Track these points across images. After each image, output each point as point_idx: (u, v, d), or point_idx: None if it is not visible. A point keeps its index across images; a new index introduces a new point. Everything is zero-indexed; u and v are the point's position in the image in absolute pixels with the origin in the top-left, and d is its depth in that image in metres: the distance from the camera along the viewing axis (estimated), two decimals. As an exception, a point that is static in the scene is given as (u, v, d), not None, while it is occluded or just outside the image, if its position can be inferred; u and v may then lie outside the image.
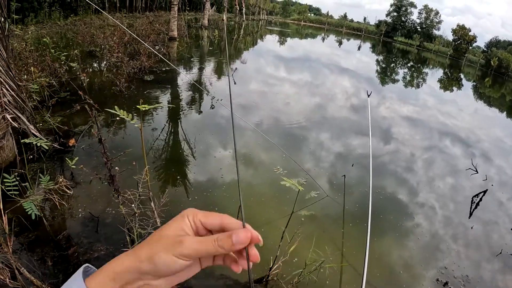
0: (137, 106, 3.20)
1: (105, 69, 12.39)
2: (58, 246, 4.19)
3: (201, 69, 16.56)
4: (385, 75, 30.41)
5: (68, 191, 3.82)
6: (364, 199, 6.43)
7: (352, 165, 8.37)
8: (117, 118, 4.26)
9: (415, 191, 8.04)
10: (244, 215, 0.76)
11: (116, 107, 3.11)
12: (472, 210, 7.80)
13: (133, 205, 3.71)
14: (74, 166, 4.87)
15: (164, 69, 13.43)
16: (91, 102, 3.98)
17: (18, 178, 3.69)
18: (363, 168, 8.09)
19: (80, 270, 0.71)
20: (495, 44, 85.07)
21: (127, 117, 3.06)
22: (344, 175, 7.65)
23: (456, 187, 8.90)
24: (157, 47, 16.22)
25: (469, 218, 7.45)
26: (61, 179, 3.69)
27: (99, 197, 5.15)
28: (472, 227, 7.02)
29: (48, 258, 4.02)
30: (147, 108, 3.20)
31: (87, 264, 0.76)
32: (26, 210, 3.44)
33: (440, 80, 35.59)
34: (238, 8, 63.89)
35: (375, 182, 7.50)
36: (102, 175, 5.39)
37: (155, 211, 3.87)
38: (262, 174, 7.00)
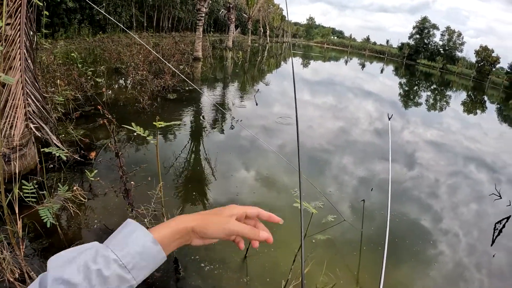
0: (154, 123, 3.22)
1: (129, 86, 12.60)
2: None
3: (224, 90, 16.69)
4: (408, 98, 30.17)
5: (83, 199, 3.84)
6: (383, 224, 6.33)
7: (372, 190, 8.24)
8: (135, 134, 4.32)
9: (436, 217, 7.85)
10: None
11: (133, 123, 3.15)
12: (494, 237, 7.58)
13: (145, 220, 3.71)
14: (92, 179, 4.92)
15: (187, 88, 13.57)
16: (109, 117, 4.03)
17: (36, 186, 3.74)
18: (384, 193, 7.96)
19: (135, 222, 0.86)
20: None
21: (143, 133, 3.09)
22: (364, 200, 7.52)
23: (479, 213, 8.67)
24: (181, 67, 16.47)
25: (491, 245, 7.23)
26: (75, 187, 3.71)
27: (115, 210, 5.18)
28: (494, 255, 6.80)
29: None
30: (163, 125, 3.22)
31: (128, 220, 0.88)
32: (42, 218, 3.47)
33: (463, 103, 35.12)
34: (262, 31, 64.67)
35: (396, 208, 7.37)
36: (117, 189, 5.43)
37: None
38: (280, 196, 6.93)
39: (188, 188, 6.54)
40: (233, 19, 36.22)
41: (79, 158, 6.20)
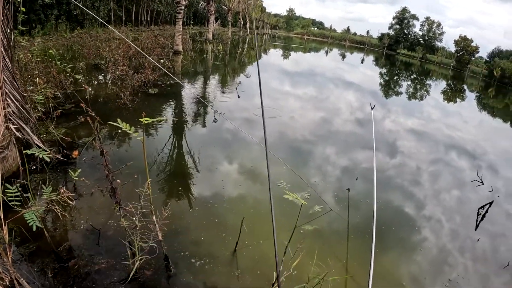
0: (140, 119, 3.18)
1: (110, 82, 12.45)
2: (59, 258, 4.15)
3: (205, 83, 16.60)
4: (389, 88, 30.44)
5: (71, 202, 3.79)
6: (369, 212, 6.39)
7: (357, 179, 8.32)
8: (119, 131, 4.23)
9: (420, 204, 7.97)
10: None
11: (118, 119, 3.11)
12: (478, 222, 7.73)
13: (134, 218, 3.68)
14: (76, 178, 4.86)
15: (168, 82, 13.46)
16: (93, 114, 3.97)
17: (20, 189, 3.67)
18: (369, 182, 8.04)
19: None
20: (497, 54, 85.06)
21: (129, 130, 3.05)
22: (349, 189, 7.60)
23: (462, 199, 8.84)
24: (161, 61, 16.32)
25: (475, 230, 7.37)
26: (62, 190, 3.66)
27: (102, 210, 5.13)
28: (478, 240, 6.94)
29: (48, 270, 3.98)
30: (149, 121, 3.18)
31: None
32: (27, 221, 3.41)
33: (443, 92, 35.58)
34: (242, 23, 64.39)
35: (380, 196, 7.45)
36: (104, 188, 5.37)
37: (156, 225, 3.84)
38: (266, 188, 6.93)
39: (174, 184, 6.51)
40: (213, 12, 35.98)
41: (61, 158, 6.11)
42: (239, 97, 14.05)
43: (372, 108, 8.77)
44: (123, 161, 6.53)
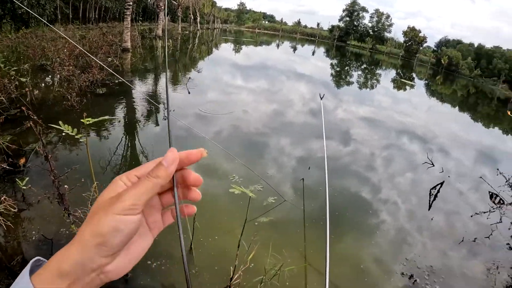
0: (81, 120, 3.13)
1: (56, 83, 12.07)
2: (12, 273, 4.02)
3: (155, 80, 16.36)
4: (340, 78, 31.03)
5: (12, 209, 3.67)
6: (324, 200, 6.52)
7: (309, 168, 8.46)
8: (63, 134, 4.10)
9: (374, 188, 8.23)
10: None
11: (60, 122, 3.04)
12: (431, 202, 8.05)
13: (84, 224, 3.61)
14: (25, 187, 4.71)
15: (117, 81, 13.17)
16: (35, 118, 3.87)
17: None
18: (323, 170, 8.19)
19: (28, 266, 0.64)
20: (444, 43, 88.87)
21: (72, 132, 3.00)
22: (303, 178, 7.72)
23: (415, 182, 9.21)
24: (109, 59, 15.95)
25: (429, 210, 7.68)
26: (3, 198, 3.54)
27: (52, 218, 4.97)
28: (432, 219, 7.22)
29: (2, 286, 3.86)
30: (91, 122, 3.14)
31: (38, 258, 0.67)
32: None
33: (393, 80, 36.62)
34: (192, 18, 63.80)
35: (335, 183, 7.67)
36: (50, 194, 5.22)
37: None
38: (219, 183, 6.94)
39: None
40: (162, 7, 35.42)
41: (7, 167, 5.88)
42: (189, 93, 13.94)
43: (321, 98, 8.93)
44: (71, 165, 6.36)
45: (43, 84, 12.55)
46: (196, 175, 0.73)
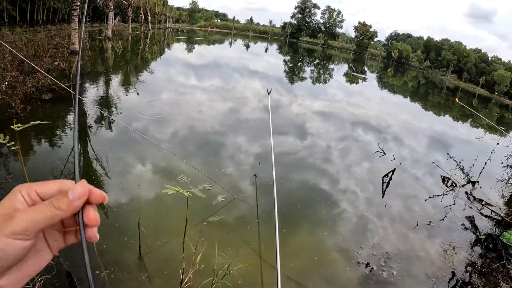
0: (11, 127, 3.01)
1: (0, 91, 11.57)
2: None
3: (105, 83, 15.97)
4: (294, 74, 31.34)
5: None
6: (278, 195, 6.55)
7: (259, 164, 8.48)
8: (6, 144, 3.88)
9: (328, 180, 8.40)
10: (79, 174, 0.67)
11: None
12: (384, 189, 8.23)
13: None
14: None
15: (64, 85, 12.76)
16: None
17: None
18: (279, 166, 8.20)
19: None
20: (395, 37, 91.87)
21: (3, 140, 2.89)
22: (255, 175, 7.72)
23: (369, 170, 9.47)
24: (56, 63, 15.45)
25: (382, 197, 7.85)
26: None
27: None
28: (385, 205, 7.38)
29: None
30: (21, 128, 3.04)
31: None
32: None
33: (346, 74, 37.36)
34: (143, 17, 62.76)
35: (291, 177, 7.75)
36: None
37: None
38: (167, 184, 6.81)
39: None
40: (112, 7, 34.66)
41: None
42: (138, 94, 13.68)
43: (268, 93, 8.97)
44: (6, 175, 6.09)
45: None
46: (95, 216, 0.65)
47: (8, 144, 2.94)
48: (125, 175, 7.03)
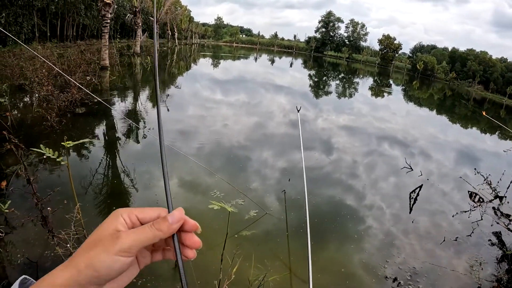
0: (62, 143, 3.18)
1: (35, 104, 11.99)
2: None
3: (134, 98, 16.37)
4: (319, 88, 31.37)
5: (1, 234, 3.68)
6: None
7: (289, 180, 8.55)
8: (44, 156, 4.08)
9: (355, 196, 8.37)
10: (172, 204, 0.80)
11: (41, 145, 3.09)
12: (411, 205, 8.23)
13: (68, 245, 3.64)
14: (7, 210, 4.70)
15: (96, 100, 13.14)
16: (16, 141, 3.90)
17: None
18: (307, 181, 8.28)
19: (16, 284, 0.70)
20: (419, 49, 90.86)
21: (53, 155, 3.04)
22: (284, 191, 7.81)
23: (396, 186, 9.44)
24: (88, 78, 15.90)
25: (409, 213, 7.84)
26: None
27: (37, 240, 4.96)
28: (413, 221, 7.38)
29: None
30: (71, 145, 3.19)
31: (24, 276, 0.72)
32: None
33: (371, 88, 37.20)
34: (170, 33, 63.82)
35: (317, 192, 7.78)
36: (34, 217, 5.20)
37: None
38: (201, 200, 6.97)
39: (109, 204, 6.41)
40: (140, 24, 35.40)
41: (-13, 191, 5.85)
42: (168, 110, 13.99)
43: (298, 111, 9.08)
44: (53, 187, 6.35)
45: (21, 104, 12.47)
46: (197, 240, 0.76)
47: (57, 160, 3.09)
48: (159, 187, 7.22)
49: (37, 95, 12.33)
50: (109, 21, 21.56)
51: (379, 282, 5.25)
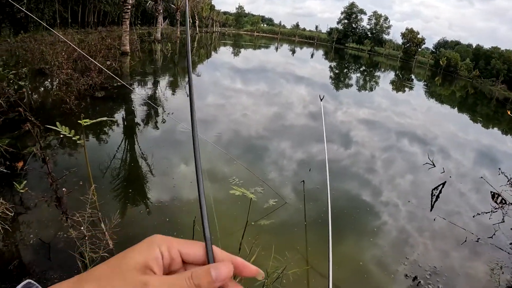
0: (79, 121, 3.07)
1: (55, 87, 12.01)
2: (10, 277, 3.96)
3: (154, 83, 16.33)
4: (339, 80, 31.04)
5: (9, 213, 3.61)
6: (325, 202, 6.47)
7: (310, 170, 8.41)
8: (61, 136, 3.96)
9: (375, 190, 8.19)
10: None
11: (57, 123, 2.99)
12: (433, 203, 8.02)
13: (82, 228, 3.54)
14: (22, 190, 4.64)
15: (115, 85, 13.10)
16: (32, 119, 3.81)
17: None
18: (323, 173, 8.13)
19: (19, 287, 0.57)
20: (443, 45, 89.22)
21: (69, 133, 2.94)
22: (303, 181, 7.67)
23: (416, 183, 9.19)
24: (108, 63, 15.91)
25: (431, 210, 7.63)
26: (0, 201, 3.48)
27: (50, 221, 4.91)
28: (434, 219, 7.18)
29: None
30: (88, 123, 3.08)
31: (28, 280, 0.60)
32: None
33: (392, 82, 36.68)
34: (191, 21, 63.77)
35: (336, 185, 7.60)
36: (48, 198, 5.14)
37: (106, 233, 3.71)
38: (219, 186, 6.88)
39: (126, 188, 6.34)
40: (161, 11, 35.38)
41: (5, 170, 5.82)
42: (187, 96, 13.92)
43: (321, 100, 8.89)
44: (70, 168, 6.30)
45: (42, 88, 12.51)
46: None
47: (73, 138, 2.99)
48: (176, 173, 7.14)
49: (57, 78, 12.34)
50: (130, 7, 21.58)
51: (398, 280, 5.10)
